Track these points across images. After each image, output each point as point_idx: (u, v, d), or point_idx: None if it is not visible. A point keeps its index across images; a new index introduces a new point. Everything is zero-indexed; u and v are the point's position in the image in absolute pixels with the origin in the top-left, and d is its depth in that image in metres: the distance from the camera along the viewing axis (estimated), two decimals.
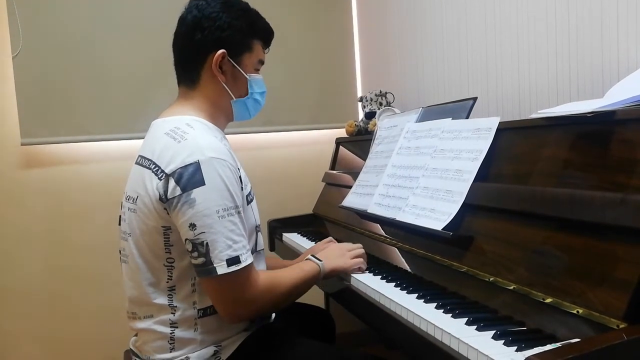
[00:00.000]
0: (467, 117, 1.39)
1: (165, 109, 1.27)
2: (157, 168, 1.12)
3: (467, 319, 0.94)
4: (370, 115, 2.23)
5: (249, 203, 1.22)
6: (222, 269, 1.06)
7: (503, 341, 0.84)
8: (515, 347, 0.81)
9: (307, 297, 1.37)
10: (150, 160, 1.14)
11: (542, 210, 0.99)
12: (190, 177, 1.07)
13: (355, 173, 1.83)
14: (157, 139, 1.16)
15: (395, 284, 1.20)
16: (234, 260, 1.07)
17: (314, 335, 1.40)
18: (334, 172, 2.18)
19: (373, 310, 1.15)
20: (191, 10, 1.24)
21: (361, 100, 2.33)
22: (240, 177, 1.17)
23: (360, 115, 2.49)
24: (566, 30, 1.44)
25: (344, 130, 2.33)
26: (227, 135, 1.30)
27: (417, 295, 1.11)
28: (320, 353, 1.25)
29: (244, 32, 1.26)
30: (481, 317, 0.96)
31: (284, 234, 2.00)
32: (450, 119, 1.41)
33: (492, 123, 1.23)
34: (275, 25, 1.34)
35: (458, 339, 0.86)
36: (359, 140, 2.14)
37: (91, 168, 2.32)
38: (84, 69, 2.24)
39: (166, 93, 1.50)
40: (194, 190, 1.07)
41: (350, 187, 1.77)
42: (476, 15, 1.79)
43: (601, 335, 0.77)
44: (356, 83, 2.76)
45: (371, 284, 1.21)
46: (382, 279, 1.26)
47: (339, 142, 2.28)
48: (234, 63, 1.25)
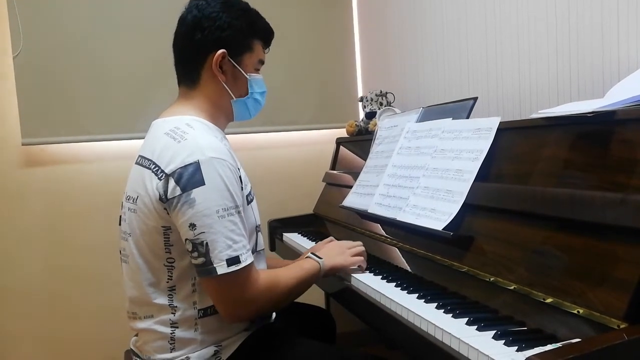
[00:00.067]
0: (468, 117, 1.39)
1: (165, 109, 1.27)
2: (157, 168, 1.12)
3: (468, 319, 0.94)
4: (370, 115, 2.23)
5: (249, 203, 1.22)
6: (222, 269, 1.06)
7: (503, 341, 0.84)
8: (515, 347, 0.81)
9: (308, 297, 1.37)
10: (150, 160, 1.14)
11: (542, 210, 0.99)
12: (190, 177, 1.07)
13: (355, 173, 1.83)
14: (157, 139, 1.16)
15: (395, 284, 1.20)
16: (234, 260, 1.07)
17: (315, 335, 1.40)
18: (335, 172, 2.18)
19: (373, 310, 1.15)
20: (191, 10, 1.24)
21: (361, 100, 2.33)
22: (240, 177, 1.17)
23: (361, 115, 2.49)
24: (567, 30, 1.44)
25: (345, 130, 2.33)
26: (227, 135, 1.30)
27: (417, 295, 1.11)
28: (321, 353, 1.25)
29: (244, 32, 1.26)
30: (482, 317, 0.95)
31: (284, 234, 2.00)
32: (450, 119, 1.41)
33: (493, 123, 1.23)
34: (275, 25, 1.34)
35: (458, 339, 0.86)
36: (360, 140, 2.14)
37: (91, 168, 2.32)
38: (84, 69, 2.24)
39: (166, 93, 1.50)
40: (194, 190, 1.07)
41: (350, 187, 1.77)
42: (476, 15, 1.79)
43: (602, 335, 0.77)
44: (356, 83, 2.76)
45: (372, 284, 1.21)
46: (382, 279, 1.26)
47: (340, 142, 2.28)
48: (234, 63, 1.25)
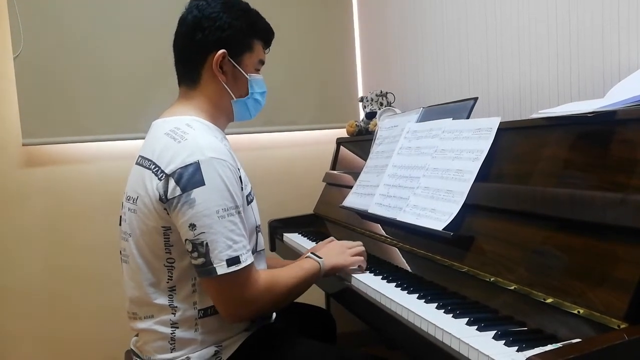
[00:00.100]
0: (468, 117, 1.39)
1: (165, 109, 1.27)
2: (157, 168, 1.12)
3: (468, 319, 0.94)
4: (370, 116, 2.23)
5: (249, 203, 1.22)
6: (222, 269, 1.06)
7: (504, 341, 0.84)
8: (516, 347, 0.81)
9: (308, 297, 1.37)
10: (150, 161, 1.14)
11: (542, 210, 0.99)
12: (190, 177, 1.07)
13: (356, 173, 1.83)
14: (157, 139, 1.16)
15: (396, 284, 1.20)
16: (234, 261, 1.07)
17: (315, 335, 1.40)
18: (335, 172, 2.18)
19: (374, 310, 1.15)
20: (191, 11, 1.24)
21: (362, 100, 2.33)
22: (241, 177, 1.17)
23: (361, 115, 2.49)
24: (567, 32, 1.43)
25: (345, 130, 2.33)
26: (227, 135, 1.30)
27: (417, 295, 1.11)
28: (321, 353, 1.25)
29: (245, 32, 1.26)
30: (482, 317, 0.95)
31: (284, 234, 1.99)
32: (451, 119, 1.41)
33: (493, 123, 1.23)
34: (275, 25, 1.34)
35: (459, 339, 0.86)
36: (360, 140, 2.14)
37: (92, 168, 2.32)
38: (84, 69, 2.24)
39: (166, 93, 1.50)
40: (194, 190, 1.07)
41: (351, 187, 1.77)
42: (477, 15, 1.79)
43: (602, 335, 0.77)
44: (357, 83, 2.76)
45: (372, 284, 1.21)
46: (382, 279, 1.26)
47: (340, 142, 2.28)
48: (234, 63, 1.25)
